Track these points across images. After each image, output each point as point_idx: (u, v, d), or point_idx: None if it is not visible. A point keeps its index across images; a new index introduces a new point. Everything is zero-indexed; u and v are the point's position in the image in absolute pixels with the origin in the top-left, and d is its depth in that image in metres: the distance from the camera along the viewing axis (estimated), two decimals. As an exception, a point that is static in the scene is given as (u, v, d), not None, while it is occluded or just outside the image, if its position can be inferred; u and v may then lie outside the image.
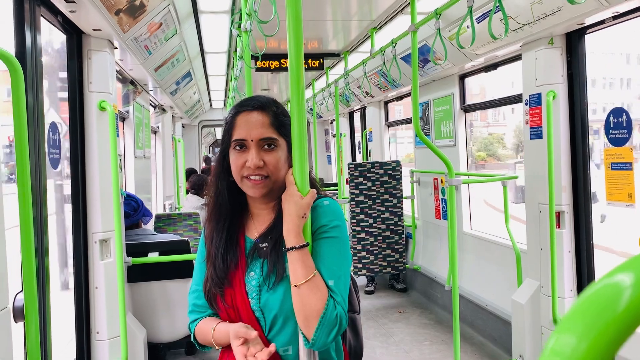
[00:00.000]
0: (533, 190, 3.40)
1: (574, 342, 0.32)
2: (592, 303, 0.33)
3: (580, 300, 0.34)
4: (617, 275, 0.34)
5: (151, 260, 3.28)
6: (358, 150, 8.51)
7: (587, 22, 2.96)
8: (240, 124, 1.30)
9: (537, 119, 3.31)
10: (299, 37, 1.21)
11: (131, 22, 2.93)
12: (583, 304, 0.33)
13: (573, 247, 3.27)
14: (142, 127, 4.91)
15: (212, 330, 1.30)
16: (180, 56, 4.61)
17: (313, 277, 1.18)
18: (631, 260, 0.34)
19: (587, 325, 0.32)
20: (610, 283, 0.33)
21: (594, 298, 0.33)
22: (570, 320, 0.33)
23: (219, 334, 1.29)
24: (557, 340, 0.33)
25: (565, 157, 3.24)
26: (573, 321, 0.33)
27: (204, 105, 9.39)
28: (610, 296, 0.33)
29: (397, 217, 5.61)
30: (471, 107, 4.73)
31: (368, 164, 5.59)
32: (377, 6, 4.03)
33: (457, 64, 4.13)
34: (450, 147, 4.82)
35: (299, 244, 1.20)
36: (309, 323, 1.16)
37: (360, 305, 1.61)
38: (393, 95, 6.17)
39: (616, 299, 0.32)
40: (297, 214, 1.22)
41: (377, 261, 5.56)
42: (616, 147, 2.90)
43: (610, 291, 0.33)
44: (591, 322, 0.32)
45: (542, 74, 3.27)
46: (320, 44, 5.13)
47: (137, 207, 3.66)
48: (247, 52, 2.86)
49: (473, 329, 4.41)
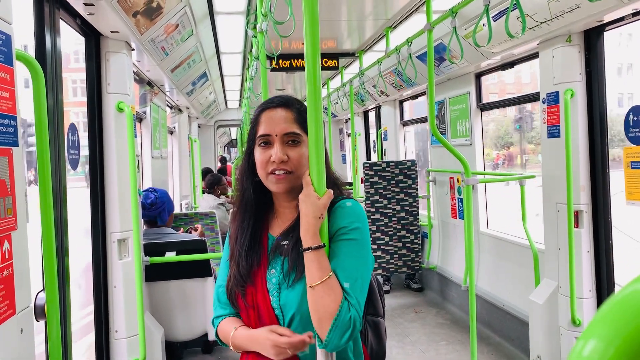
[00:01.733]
0: (551, 190, 3.36)
1: (602, 347, 0.32)
2: (620, 308, 0.33)
3: (608, 304, 0.34)
4: None
5: (168, 259, 3.31)
6: (373, 149, 8.49)
7: (606, 19, 2.92)
8: (264, 121, 1.34)
9: (554, 118, 3.27)
10: (315, 38, 1.21)
11: (148, 23, 2.96)
12: (611, 309, 0.33)
13: (592, 247, 3.23)
14: (159, 128, 4.96)
15: (233, 331, 1.32)
16: (196, 57, 4.64)
17: (328, 279, 1.18)
18: None
19: (615, 330, 0.32)
20: (638, 288, 0.33)
21: (622, 303, 0.33)
22: (597, 324, 0.33)
23: (238, 339, 1.31)
24: (585, 344, 0.33)
25: (583, 156, 3.20)
26: (601, 326, 0.33)
27: (220, 105, 9.44)
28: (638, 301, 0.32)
29: (413, 217, 5.58)
30: (487, 105, 4.69)
31: (383, 163, 5.58)
32: (393, 5, 4.02)
33: (473, 62, 4.10)
34: (467, 146, 4.79)
35: (315, 245, 1.20)
36: (323, 324, 1.17)
37: (384, 308, 1.60)
38: (408, 94, 6.14)
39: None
40: (313, 214, 1.22)
41: (392, 261, 5.54)
42: (636, 146, 2.85)
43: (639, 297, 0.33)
44: (619, 328, 0.32)
45: (560, 72, 3.23)
46: (335, 44, 5.13)
47: (155, 202, 3.55)
48: (263, 52, 2.87)
49: (490, 329, 4.37)
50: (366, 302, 1.45)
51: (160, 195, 3.62)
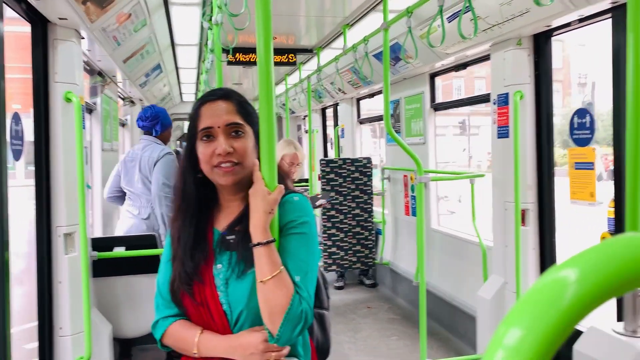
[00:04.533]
0: (499, 189, 3.47)
1: (520, 335, 0.33)
2: (539, 297, 0.34)
3: (528, 293, 0.35)
4: (563, 270, 0.35)
5: (117, 254, 3.22)
6: (330, 146, 8.53)
7: (554, 25, 3.03)
8: (205, 113, 1.31)
9: (504, 119, 3.37)
10: (267, 31, 1.20)
11: (99, 11, 2.87)
12: (530, 297, 0.34)
13: (537, 245, 3.35)
14: (110, 119, 4.82)
15: (197, 336, 1.26)
16: (150, 48, 4.53)
17: (279, 273, 1.18)
18: (578, 256, 0.36)
19: (534, 318, 0.33)
20: (556, 278, 0.34)
21: (540, 292, 0.34)
22: (517, 312, 0.34)
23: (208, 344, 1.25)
24: (505, 332, 0.34)
25: (531, 156, 3.31)
26: (521, 314, 0.34)
27: (174, 98, 9.27)
28: (556, 291, 0.34)
29: (368, 214, 5.65)
30: (441, 105, 4.79)
31: (340, 160, 5.61)
32: (350, 3, 4.04)
33: (428, 62, 4.17)
34: (421, 145, 4.87)
35: (265, 240, 1.20)
36: (274, 319, 1.16)
37: (329, 302, 1.62)
38: (365, 93, 6.20)
39: (561, 294, 0.33)
40: (264, 209, 1.22)
41: (347, 257, 5.59)
42: (580, 147, 2.97)
43: (556, 286, 0.34)
44: (537, 316, 0.33)
45: (510, 74, 3.33)
46: (293, 39, 5.11)
47: (149, 115, 3.79)
48: (218, 45, 2.83)
49: (439, 324, 4.48)
50: None
51: (157, 110, 3.86)
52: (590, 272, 0.34)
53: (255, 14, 1.21)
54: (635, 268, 0.34)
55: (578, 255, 0.35)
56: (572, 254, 0.36)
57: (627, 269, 0.34)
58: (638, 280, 0.34)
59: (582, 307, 0.33)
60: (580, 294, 0.33)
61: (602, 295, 0.34)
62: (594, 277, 0.34)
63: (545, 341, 0.32)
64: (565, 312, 0.33)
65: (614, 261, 0.34)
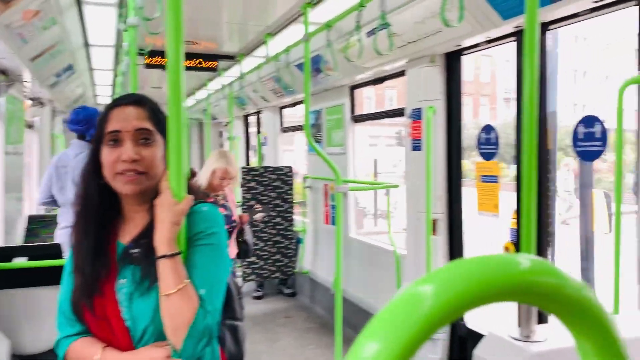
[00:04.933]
0: (413, 199, 3.60)
1: (376, 348, 0.35)
2: (397, 310, 0.36)
3: (388, 306, 0.37)
4: (421, 286, 0.37)
5: (17, 265, 3.01)
6: (253, 154, 8.47)
7: (464, 45, 3.20)
8: (114, 117, 1.25)
9: (417, 132, 3.51)
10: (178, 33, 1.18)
11: (2, 7, 2.69)
12: (389, 311, 0.36)
13: (447, 253, 3.50)
14: (15, 121, 4.52)
15: (99, 353, 1.20)
16: (61, 47, 4.30)
17: (184, 287, 1.15)
18: (434, 273, 0.38)
19: (392, 331, 0.35)
20: (414, 292, 0.37)
21: (398, 306, 0.36)
22: (376, 325, 0.36)
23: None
24: (363, 344, 0.35)
25: (441, 168, 3.47)
26: (379, 327, 0.36)
27: (88, 100, 8.84)
28: (413, 305, 0.36)
29: (288, 222, 5.66)
30: (360, 117, 4.91)
31: (261, 169, 5.59)
32: (274, 12, 4.05)
33: (348, 75, 4.27)
34: (341, 155, 4.96)
35: (170, 252, 1.17)
36: (178, 333, 1.13)
37: (244, 312, 1.60)
38: (289, 102, 6.23)
39: (417, 308, 0.36)
40: (170, 220, 1.18)
41: (266, 266, 5.56)
42: (486, 161, 3.15)
43: (412, 300, 0.36)
44: (396, 329, 0.35)
45: (424, 90, 3.47)
46: (215, 45, 5.05)
47: (81, 119, 3.58)
48: (133, 48, 2.74)
49: (356, 332, 4.55)
50: (224, 306, 1.45)
51: (90, 112, 3.63)
52: (444, 288, 0.36)
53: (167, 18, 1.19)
54: (486, 285, 0.37)
55: (435, 272, 0.38)
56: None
57: (478, 286, 0.36)
58: (489, 297, 0.37)
59: (436, 321, 0.36)
60: (434, 308, 0.35)
61: (455, 310, 0.36)
62: (447, 293, 0.36)
63: (400, 354, 0.34)
64: (421, 325, 0.35)
65: (466, 279, 0.37)
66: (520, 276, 0.38)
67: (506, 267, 0.38)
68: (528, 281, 0.38)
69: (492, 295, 0.37)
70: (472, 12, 2.68)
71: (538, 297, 0.39)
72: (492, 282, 0.37)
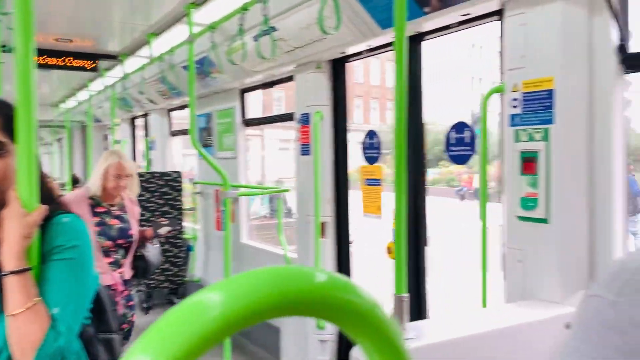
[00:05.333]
0: (303, 203, 3.63)
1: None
2: (171, 322, 0.34)
3: (162, 318, 0.35)
4: (208, 294, 0.36)
5: None
6: (142, 158, 8.09)
7: (348, 52, 3.29)
8: None
9: (306, 137, 3.55)
10: (28, 27, 1.09)
11: None
12: (163, 323, 0.34)
13: (335, 254, 3.57)
14: None
15: None
16: None
17: (33, 306, 1.05)
18: (225, 282, 0.37)
19: (164, 344, 0.33)
20: (198, 301, 0.35)
21: (177, 316, 0.34)
22: (149, 338, 0.34)
23: None
24: (132, 357, 0.33)
25: (329, 172, 3.53)
26: (150, 340, 0.34)
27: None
28: (196, 314, 0.34)
29: (178, 230, 5.46)
30: (251, 121, 4.87)
31: (147, 174, 5.35)
32: (158, 11, 3.90)
33: (237, 78, 4.21)
34: (232, 159, 4.89)
35: (19, 268, 1.06)
36: (25, 356, 1.03)
37: (117, 323, 1.51)
38: (178, 104, 6.03)
39: (201, 317, 0.34)
40: (19, 233, 1.08)
41: (154, 276, 5.33)
42: (370, 165, 3.26)
43: (196, 309, 0.35)
44: (168, 342, 0.33)
45: (311, 96, 3.52)
46: (93, 43, 4.75)
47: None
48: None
49: (246, 338, 4.50)
50: (96, 320, 1.37)
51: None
52: (232, 298, 0.35)
53: (37, 13, 1.09)
54: (279, 297, 0.36)
55: (226, 281, 0.37)
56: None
57: (269, 297, 0.36)
58: (282, 310, 0.36)
59: (217, 332, 0.34)
60: (222, 315, 0.34)
61: (240, 321, 0.35)
62: (235, 302, 0.35)
63: None
64: (202, 335, 0.34)
65: (257, 289, 0.36)
66: (313, 290, 0.38)
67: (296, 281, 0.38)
68: (320, 295, 0.38)
69: (278, 309, 0.36)
70: (353, 21, 2.76)
71: (329, 312, 0.39)
72: (277, 295, 0.36)
